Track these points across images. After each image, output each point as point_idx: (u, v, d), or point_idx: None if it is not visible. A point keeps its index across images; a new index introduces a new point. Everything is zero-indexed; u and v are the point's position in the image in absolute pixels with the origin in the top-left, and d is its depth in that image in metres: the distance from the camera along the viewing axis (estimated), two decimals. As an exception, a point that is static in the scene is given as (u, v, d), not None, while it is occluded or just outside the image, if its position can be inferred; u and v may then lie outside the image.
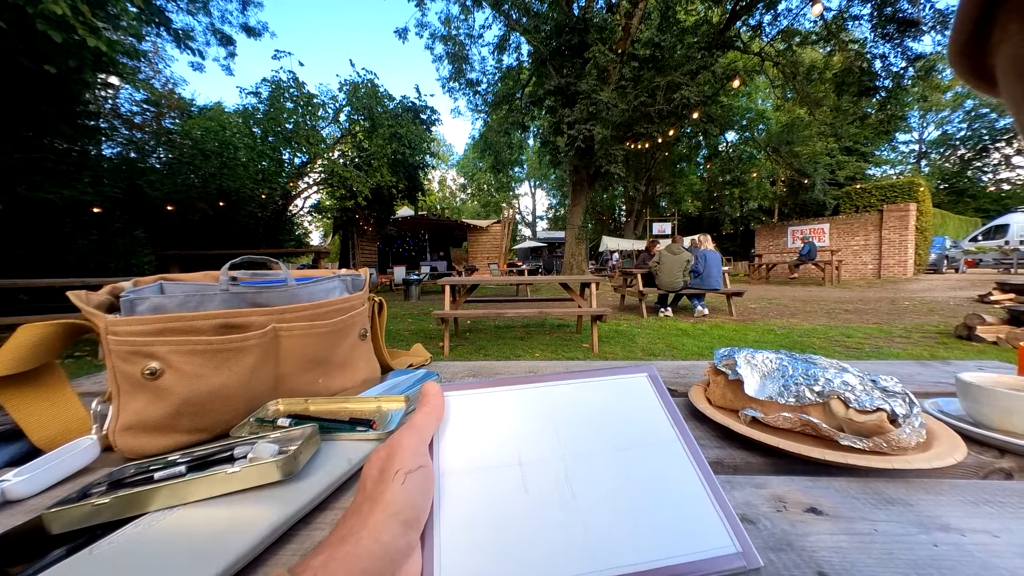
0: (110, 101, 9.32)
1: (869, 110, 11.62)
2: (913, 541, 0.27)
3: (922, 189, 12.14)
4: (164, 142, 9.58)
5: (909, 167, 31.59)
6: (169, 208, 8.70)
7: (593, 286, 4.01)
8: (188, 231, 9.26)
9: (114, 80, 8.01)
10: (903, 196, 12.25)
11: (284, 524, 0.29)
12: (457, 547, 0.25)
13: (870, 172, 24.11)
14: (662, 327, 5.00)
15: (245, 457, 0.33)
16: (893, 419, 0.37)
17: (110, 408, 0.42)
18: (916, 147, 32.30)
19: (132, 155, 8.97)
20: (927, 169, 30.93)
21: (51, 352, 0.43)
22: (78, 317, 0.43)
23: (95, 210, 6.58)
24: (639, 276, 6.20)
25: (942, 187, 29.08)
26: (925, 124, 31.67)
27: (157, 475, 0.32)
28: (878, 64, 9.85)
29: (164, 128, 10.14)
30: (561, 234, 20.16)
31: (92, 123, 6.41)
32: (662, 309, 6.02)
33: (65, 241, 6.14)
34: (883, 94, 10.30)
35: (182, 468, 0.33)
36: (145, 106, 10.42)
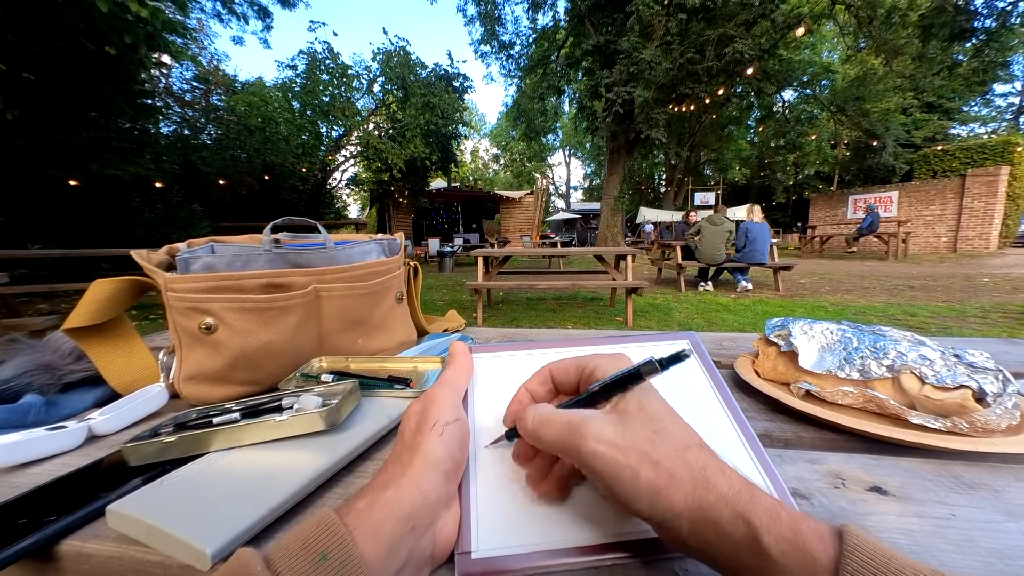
0: (163, 80, 9.82)
1: (960, 57, 10.04)
2: (999, 529, 0.25)
3: (1020, 150, 10.56)
4: (213, 119, 10.05)
5: (1005, 124, 27.19)
6: (221, 182, 9.23)
7: (629, 258, 3.89)
8: (239, 205, 9.82)
9: (166, 59, 8.37)
10: (994, 158, 10.76)
11: (328, 470, 0.31)
12: (493, 501, 0.26)
13: (954, 131, 20.99)
14: (701, 302, 4.81)
15: (292, 407, 0.35)
16: (980, 398, 0.33)
17: (174, 359, 0.45)
18: (1017, 100, 27.61)
19: (185, 132, 9.51)
20: (1028, 126, 26.54)
21: (121, 305, 0.46)
22: (142, 275, 0.46)
23: (157, 185, 7.10)
24: (678, 249, 5.94)
25: (1045, 147, 24.94)
26: (1032, 71, 26.82)
27: (215, 420, 0.35)
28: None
29: (212, 105, 10.61)
30: (596, 205, 19.49)
31: (149, 102, 6.79)
32: (702, 283, 5.76)
33: (134, 214, 6.71)
34: (981, 37, 8.84)
35: (237, 415, 0.35)
36: (194, 84, 10.90)
